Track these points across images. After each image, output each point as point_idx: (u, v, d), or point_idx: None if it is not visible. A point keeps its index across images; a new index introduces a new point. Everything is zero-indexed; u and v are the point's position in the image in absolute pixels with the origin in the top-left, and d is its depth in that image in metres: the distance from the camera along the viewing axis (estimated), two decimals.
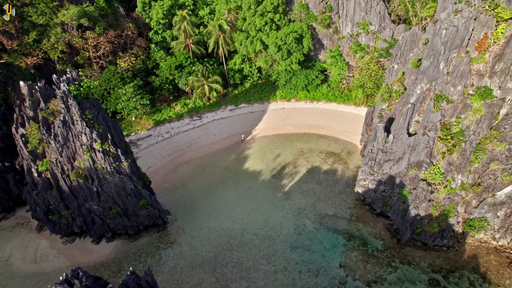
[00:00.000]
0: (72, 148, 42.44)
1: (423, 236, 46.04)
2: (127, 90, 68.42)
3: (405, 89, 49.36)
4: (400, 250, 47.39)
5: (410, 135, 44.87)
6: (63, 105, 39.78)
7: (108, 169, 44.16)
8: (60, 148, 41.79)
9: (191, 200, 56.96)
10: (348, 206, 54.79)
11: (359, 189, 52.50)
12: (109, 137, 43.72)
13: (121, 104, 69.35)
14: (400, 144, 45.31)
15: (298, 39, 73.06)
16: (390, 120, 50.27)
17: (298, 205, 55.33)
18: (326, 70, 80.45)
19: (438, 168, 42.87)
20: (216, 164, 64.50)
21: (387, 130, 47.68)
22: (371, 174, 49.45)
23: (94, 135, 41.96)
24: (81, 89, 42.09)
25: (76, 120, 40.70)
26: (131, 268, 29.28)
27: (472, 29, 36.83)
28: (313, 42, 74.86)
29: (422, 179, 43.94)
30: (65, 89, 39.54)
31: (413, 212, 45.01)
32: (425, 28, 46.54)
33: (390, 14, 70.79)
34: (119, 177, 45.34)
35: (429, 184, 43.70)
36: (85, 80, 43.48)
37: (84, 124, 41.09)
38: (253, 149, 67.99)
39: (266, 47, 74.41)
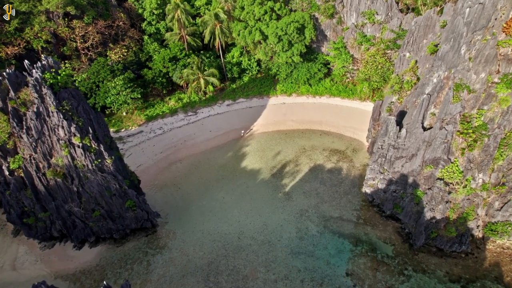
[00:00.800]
0: (48, 143, 37.94)
1: (438, 241, 41.57)
2: (117, 83, 63.91)
3: (418, 79, 44.86)
4: (413, 256, 42.94)
5: (424, 129, 40.37)
6: (36, 95, 35.26)
7: (89, 166, 39.66)
8: (34, 143, 37.30)
9: (183, 201, 52.49)
10: (355, 208, 50.32)
11: (367, 189, 48.01)
12: (90, 131, 39.22)
13: (110, 98, 64.84)
14: (413, 139, 40.81)
15: (300, 29, 68.57)
16: (402, 114, 45.80)
17: (300, 206, 50.85)
18: (329, 63, 75.96)
19: (457, 166, 38.36)
20: (211, 162, 60.03)
21: (399, 124, 43.16)
22: (381, 173, 44.94)
23: (72, 129, 37.45)
24: (59, 77, 37.57)
25: (52, 112, 36.19)
26: (104, 282, 24.86)
27: (500, 7, 32.31)
28: (315, 33, 70.33)
29: (438, 178, 39.46)
30: (38, 77, 35.01)
31: (428, 214, 40.52)
32: (441, 11, 42.03)
33: (397, 3, 66.22)
34: (102, 176, 40.85)
35: (446, 184, 39.21)
36: (64, 68, 38.94)
37: (61, 116, 36.57)
38: (252, 146, 63.52)
39: (265, 37, 69.87)
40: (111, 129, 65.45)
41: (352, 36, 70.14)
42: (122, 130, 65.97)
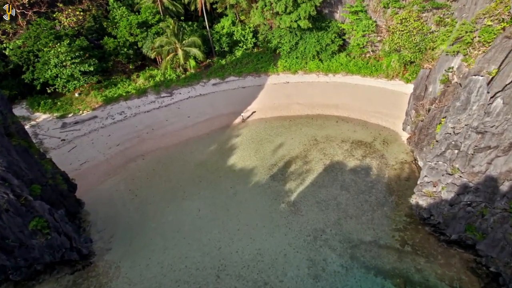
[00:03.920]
0: None
1: None
2: (59, 50, 46.83)
3: (510, 21, 27.77)
4: None
5: None
6: None
7: None
8: None
9: (140, 216, 35.38)
10: (396, 227, 33.22)
11: (420, 200, 30.80)
12: None
13: (51, 70, 47.75)
14: None
15: None
16: None
17: (313, 224, 33.78)
18: (344, 34, 58.84)
19: None
20: (186, 158, 42.94)
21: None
22: (449, 174, 27.73)
23: None
24: None
25: None
26: None
27: None
28: None
29: None
30: None
31: None
32: None
33: None
34: None
35: None
36: None
37: None
38: (244, 136, 46.43)
39: None
40: (54, 114, 48.56)
41: None
42: (70, 115, 48.84)
